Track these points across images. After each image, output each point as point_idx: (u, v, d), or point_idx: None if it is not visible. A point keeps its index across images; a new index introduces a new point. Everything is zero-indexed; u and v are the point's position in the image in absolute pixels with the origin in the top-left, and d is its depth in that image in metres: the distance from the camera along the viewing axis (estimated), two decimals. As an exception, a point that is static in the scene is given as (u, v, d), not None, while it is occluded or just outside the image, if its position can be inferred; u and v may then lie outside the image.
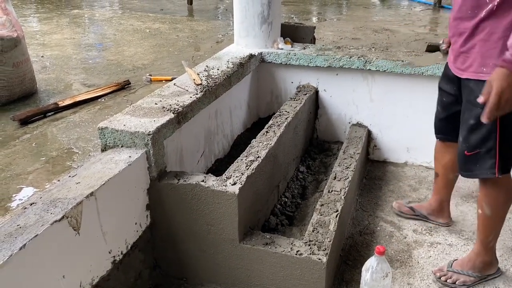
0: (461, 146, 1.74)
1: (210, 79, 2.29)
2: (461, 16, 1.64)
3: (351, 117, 2.90)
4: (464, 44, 1.65)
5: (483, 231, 1.83)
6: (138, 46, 3.71)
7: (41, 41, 3.80)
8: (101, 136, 1.73)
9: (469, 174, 1.76)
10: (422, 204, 2.33)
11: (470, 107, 1.67)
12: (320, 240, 1.69)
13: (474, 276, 1.87)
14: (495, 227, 1.81)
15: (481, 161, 1.67)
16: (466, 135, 1.69)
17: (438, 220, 2.26)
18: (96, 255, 1.50)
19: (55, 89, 2.60)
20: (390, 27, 4.57)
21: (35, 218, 1.28)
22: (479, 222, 1.83)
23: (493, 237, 1.83)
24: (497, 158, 1.63)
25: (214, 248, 1.78)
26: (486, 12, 1.55)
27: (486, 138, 1.63)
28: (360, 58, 2.67)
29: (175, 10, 5.65)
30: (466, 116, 1.70)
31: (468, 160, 1.71)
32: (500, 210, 1.77)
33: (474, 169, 1.71)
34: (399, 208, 2.34)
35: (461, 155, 1.75)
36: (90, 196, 1.42)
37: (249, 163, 1.87)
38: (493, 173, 1.66)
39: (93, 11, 5.47)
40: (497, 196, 1.74)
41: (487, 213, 1.77)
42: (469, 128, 1.67)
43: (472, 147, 1.68)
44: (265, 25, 2.82)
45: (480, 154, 1.66)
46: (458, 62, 1.71)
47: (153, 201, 1.77)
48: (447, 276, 1.89)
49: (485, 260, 1.87)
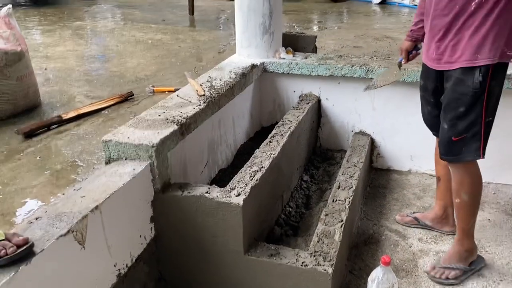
0: (447, 133, 1.83)
1: (213, 90, 2.30)
2: (446, 13, 1.73)
3: (354, 126, 2.90)
4: (452, 38, 1.73)
5: (464, 219, 1.94)
6: (140, 57, 3.73)
7: (44, 54, 3.82)
8: (105, 148, 1.73)
9: (455, 158, 1.85)
10: (426, 213, 2.32)
11: (457, 96, 1.76)
12: (325, 251, 1.68)
13: (460, 268, 1.97)
14: (474, 212, 1.93)
15: (467, 145, 1.78)
16: (454, 122, 1.79)
17: (444, 229, 2.26)
18: (101, 268, 1.50)
19: (59, 101, 2.61)
20: (391, 35, 4.59)
21: (41, 233, 1.28)
22: (459, 211, 1.95)
23: (473, 222, 1.95)
24: (482, 141, 1.77)
25: (219, 260, 1.78)
26: (475, 5, 1.65)
27: (473, 123, 1.75)
28: (362, 67, 2.67)
29: (177, 20, 5.69)
30: (453, 104, 1.79)
31: (454, 144, 1.81)
32: (476, 194, 1.90)
33: (461, 153, 1.81)
34: (402, 220, 2.35)
35: (447, 141, 1.84)
36: (95, 209, 1.42)
37: (253, 174, 1.87)
38: (478, 155, 1.78)
39: (95, 22, 5.51)
40: (471, 182, 1.87)
41: (466, 200, 1.88)
42: (458, 116, 1.77)
43: (459, 133, 1.78)
44: (266, 35, 2.84)
45: (466, 138, 1.77)
46: (446, 56, 1.78)
47: (157, 213, 1.77)
48: (440, 272, 1.97)
49: (469, 248, 1.98)
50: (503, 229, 2.29)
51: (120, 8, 6.71)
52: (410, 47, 2.15)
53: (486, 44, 1.66)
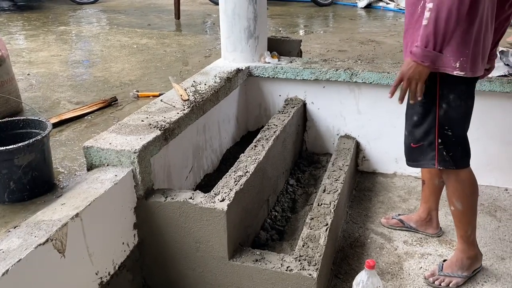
0: (407, 139, 1.87)
1: (198, 95, 2.28)
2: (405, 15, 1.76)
3: (339, 129, 2.91)
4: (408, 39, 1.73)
5: (461, 227, 1.91)
6: (125, 62, 3.70)
7: (27, 59, 3.77)
8: (87, 155, 1.71)
9: (415, 164, 1.89)
10: (410, 215, 2.33)
11: (411, 104, 1.77)
12: (310, 255, 1.68)
13: (463, 277, 1.94)
14: (471, 220, 1.90)
15: (424, 153, 1.81)
16: (411, 130, 1.83)
17: (427, 231, 2.27)
18: (83, 277, 1.47)
19: (41, 107, 2.57)
20: (375, 39, 4.62)
21: (19, 242, 1.26)
22: (455, 219, 1.92)
23: (471, 230, 1.91)
24: (436, 151, 1.76)
25: (204, 266, 1.76)
26: (420, 8, 1.63)
27: (428, 132, 1.77)
28: (346, 71, 2.69)
29: (163, 25, 5.66)
30: (409, 112, 1.84)
31: (413, 151, 1.85)
32: (470, 202, 1.87)
33: (419, 160, 1.84)
34: (388, 223, 2.35)
35: (407, 147, 1.88)
36: (76, 217, 1.39)
37: (238, 179, 1.86)
38: (433, 164, 1.79)
39: (80, 27, 5.46)
40: (463, 190, 1.84)
41: (459, 208, 1.86)
42: (413, 124, 1.80)
43: (417, 140, 1.81)
44: (251, 40, 2.84)
45: (423, 146, 1.80)
46: (405, 56, 1.81)
47: (140, 219, 1.75)
48: (440, 279, 1.94)
49: (471, 255, 1.94)
50: (487, 231, 2.31)
51: (106, 12, 6.66)
52: None
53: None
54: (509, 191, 2.66)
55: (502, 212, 2.46)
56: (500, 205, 2.52)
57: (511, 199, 2.59)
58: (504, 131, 2.55)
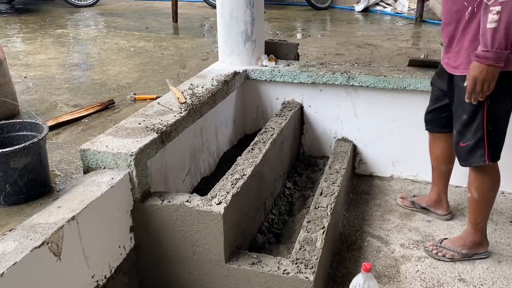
0: (456, 138, 1.93)
1: (195, 97, 2.29)
2: (449, 21, 1.85)
3: (336, 132, 2.91)
4: (456, 46, 1.85)
5: (472, 213, 2.02)
6: (122, 65, 3.70)
7: (24, 62, 3.76)
8: (83, 158, 1.71)
9: (465, 163, 1.94)
10: (422, 197, 2.49)
11: (461, 103, 1.85)
12: (307, 258, 1.67)
13: (463, 254, 2.07)
14: (483, 210, 1.99)
15: (473, 151, 1.87)
16: (460, 129, 1.89)
17: (438, 212, 2.40)
18: (79, 280, 1.47)
19: (38, 110, 2.56)
20: (373, 42, 4.63)
21: (14, 245, 1.25)
22: (469, 205, 2.03)
23: (482, 219, 2.01)
24: (486, 147, 1.83)
25: (200, 269, 1.76)
26: (468, 14, 1.75)
27: (476, 130, 1.83)
28: (343, 74, 2.70)
29: (160, 28, 5.66)
30: (459, 112, 1.89)
31: (462, 150, 1.91)
32: (487, 195, 1.96)
33: (469, 159, 1.90)
34: (403, 203, 2.54)
35: (457, 146, 1.94)
36: (72, 220, 1.39)
37: (235, 182, 1.86)
38: (484, 161, 1.85)
39: (77, 30, 5.45)
40: (484, 182, 1.93)
41: (475, 197, 1.97)
42: (463, 123, 1.87)
43: (466, 139, 1.88)
44: (249, 43, 2.84)
45: (471, 145, 1.87)
46: (451, 61, 1.91)
47: (137, 223, 1.74)
48: (438, 250, 2.10)
49: (475, 240, 2.06)
50: (483, 234, 2.31)
51: (103, 15, 6.66)
52: None
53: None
54: (505, 194, 2.66)
55: (498, 216, 2.46)
56: (497, 208, 2.52)
57: (507, 202, 2.59)
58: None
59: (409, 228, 2.37)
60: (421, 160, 2.73)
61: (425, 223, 2.40)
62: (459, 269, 2.06)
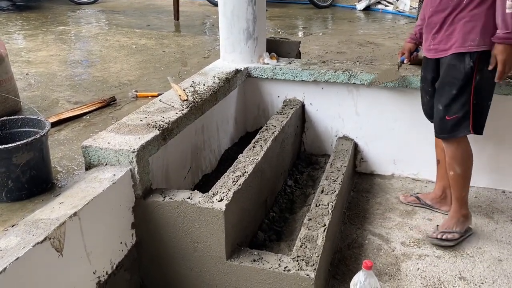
0: (442, 113, 2.05)
1: (196, 95, 2.29)
2: (443, 8, 1.97)
3: (338, 130, 2.91)
4: (447, 29, 1.97)
5: (457, 189, 2.16)
6: (124, 62, 3.70)
7: (26, 59, 3.76)
8: (85, 154, 1.71)
9: (449, 136, 2.07)
10: (427, 194, 2.52)
11: (450, 79, 1.98)
12: (308, 256, 1.68)
13: (458, 232, 2.18)
14: (466, 182, 2.16)
15: (460, 123, 2.01)
16: (448, 103, 2.02)
17: (442, 208, 2.44)
18: (80, 276, 1.47)
19: (40, 106, 2.57)
20: (374, 41, 4.63)
21: (17, 240, 1.26)
22: (452, 182, 2.17)
23: (465, 191, 2.18)
24: (471, 119, 2.00)
25: (201, 266, 1.76)
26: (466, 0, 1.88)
27: (465, 104, 1.98)
28: (345, 72, 2.69)
29: (162, 25, 5.66)
30: (447, 87, 2.01)
31: (449, 123, 2.03)
32: (467, 166, 2.13)
33: (455, 130, 2.03)
34: (406, 200, 2.56)
35: (442, 120, 2.06)
36: (74, 216, 1.39)
37: (236, 179, 1.86)
38: (469, 131, 2.01)
39: (79, 27, 5.46)
40: (462, 155, 2.10)
41: (458, 172, 2.11)
42: (452, 97, 2.00)
43: (453, 113, 2.01)
44: (250, 41, 2.84)
45: (459, 117, 2.00)
46: (441, 45, 2.01)
47: (138, 219, 1.75)
48: (440, 234, 2.18)
49: (464, 214, 2.20)
50: (484, 232, 2.31)
51: (105, 13, 6.66)
52: (413, 48, 2.39)
53: (475, 33, 1.89)
54: (506, 193, 2.67)
55: (499, 214, 2.47)
56: (498, 207, 2.53)
57: (508, 201, 2.60)
58: (501, 133, 2.56)
59: (410, 226, 2.37)
60: (422, 159, 2.73)
61: (426, 221, 2.41)
62: (460, 267, 2.06)
